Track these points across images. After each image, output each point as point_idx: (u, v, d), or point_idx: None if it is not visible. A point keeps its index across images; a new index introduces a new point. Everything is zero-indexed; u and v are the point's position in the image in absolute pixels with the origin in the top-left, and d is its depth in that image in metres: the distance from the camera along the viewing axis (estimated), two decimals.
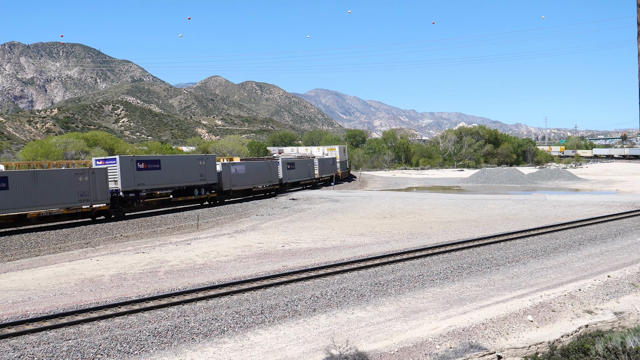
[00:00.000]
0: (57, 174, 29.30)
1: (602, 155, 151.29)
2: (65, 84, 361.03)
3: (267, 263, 19.44)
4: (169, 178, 35.74)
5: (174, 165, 36.38)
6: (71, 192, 29.03)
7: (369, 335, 11.66)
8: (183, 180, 36.78)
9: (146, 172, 33.92)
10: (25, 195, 26.79)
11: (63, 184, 28.72)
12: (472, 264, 18.17)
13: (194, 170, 37.59)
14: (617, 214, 29.92)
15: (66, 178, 29.04)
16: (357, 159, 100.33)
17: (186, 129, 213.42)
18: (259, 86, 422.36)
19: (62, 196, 28.57)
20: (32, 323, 12.35)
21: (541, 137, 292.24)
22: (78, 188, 29.37)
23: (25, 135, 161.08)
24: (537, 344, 11.64)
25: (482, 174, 65.66)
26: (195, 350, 11.08)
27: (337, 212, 35.32)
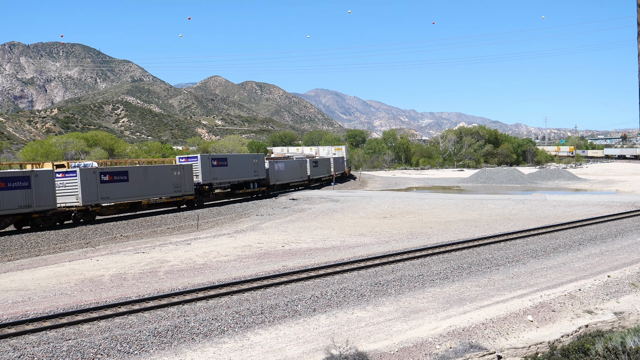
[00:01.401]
0: (160, 169, 34.99)
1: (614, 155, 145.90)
2: (65, 84, 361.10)
3: (267, 263, 19.44)
4: (233, 174, 41.35)
5: (236, 163, 41.81)
6: (169, 184, 34.74)
7: (369, 335, 11.67)
8: (242, 176, 42.48)
9: (218, 168, 39.60)
10: (139, 186, 32.68)
11: (164, 177, 34.45)
12: (472, 264, 18.17)
13: (249, 167, 43.28)
14: (617, 214, 29.92)
15: (166, 173, 34.72)
16: (357, 159, 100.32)
17: (186, 129, 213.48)
18: (259, 86, 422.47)
19: (163, 187, 34.33)
20: (32, 323, 12.35)
21: (541, 137, 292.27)
22: (173, 181, 35.07)
23: (25, 135, 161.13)
24: (537, 344, 11.64)
25: (482, 174, 65.67)
26: (195, 350, 11.08)
27: (337, 212, 35.33)
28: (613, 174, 74.66)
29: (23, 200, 26.75)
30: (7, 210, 26.14)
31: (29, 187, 27.04)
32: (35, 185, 27.32)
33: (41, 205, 27.64)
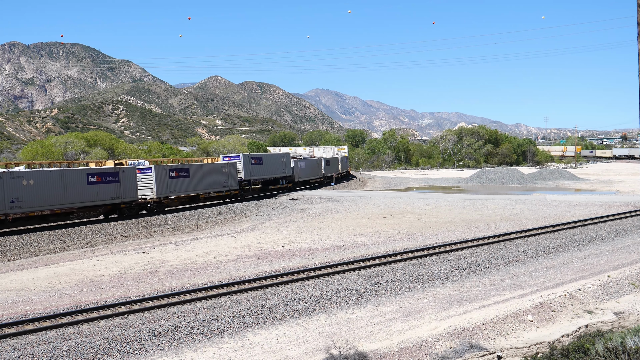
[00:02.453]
0: (212, 166, 39.58)
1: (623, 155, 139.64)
2: (65, 84, 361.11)
3: (267, 263, 19.44)
4: (266, 171, 46.21)
5: (269, 162, 46.81)
6: (219, 180, 39.17)
7: (369, 335, 11.66)
8: (273, 173, 47.46)
9: (256, 166, 44.33)
10: (197, 181, 37.13)
11: (215, 174, 38.83)
12: (472, 264, 18.17)
13: (279, 165, 48.30)
14: (617, 214, 29.92)
15: (217, 170, 39.30)
16: (357, 159, 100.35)
17: (186, 129, 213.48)
18: (259, 86, 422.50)
19: (215, 183, 38.73)
20: (32, 323, 12.35)
21: (541, 137, 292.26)
22: (222, 177, 39.55)
23: (25, 135, 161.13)
24: (537, 344, 11.65)
25: (482, 174, 65.67)
26: (195, 350, 11.08)
27: (337, 212, 35.33)
28: (613, 174, 74.66)
29: (114, 193, 31.43)
30: (102, 200, 30.89)
31: (118, 182, 31.65)
32: (123, 180, 31.94)
33: (127, 197, 32.15)
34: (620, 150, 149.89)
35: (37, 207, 27.32)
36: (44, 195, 27.57)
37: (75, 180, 29.35)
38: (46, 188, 27.77)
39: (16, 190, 26.30)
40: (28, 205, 26.82)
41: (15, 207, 26.20)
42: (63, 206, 28.70)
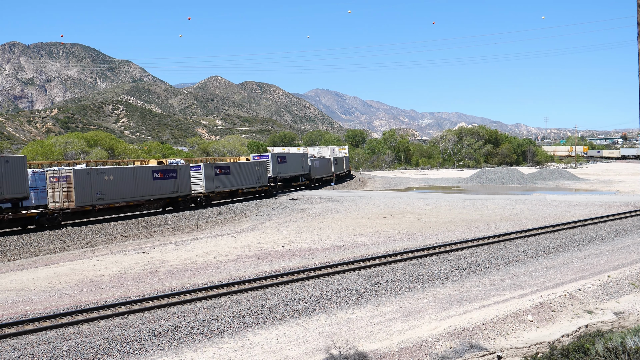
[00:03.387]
0: (248, 165, 43.70)
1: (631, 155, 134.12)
2: (65, 84, 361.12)
3: (267, 263, 19.44)
4: (290, 169, 50.54)
5: (292, 161, 51.28)
6: (253, 177, 43.41)
7: (369, 335, 11.66)
8: (295, 171, 51.91)
9: (281, 165, 48.74)
10: (236, 178, 41.29)
11: (250, 171, 43.09)
12: (472, 264, 18.17)
13: (299, 164, 52.75)
14: (617, 214, 29.92)
15: (251, 168, 43.62)
16: (357, 159, 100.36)
17: (186, 129, 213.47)
18: (259, 86, 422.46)
19: (250, 180, 42.94)
20: (32, 323, 12.35)
21: (541, 137, 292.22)
22: (256, 174, 43.74)
23: (25, 135, 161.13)
24: (537, 344, 11.64)
25: (482, 174, 65.67)
26: (195, 350, 11.08)
27: (337, 212, 35.33)
28: (613, 174, 74.65)
29: (173, 187, 35.55)
30: (164, 194, 34.96)
31: (176, 178, 35.77)
32: (180, 176, 36.08)
33: (183, 191, 36.34)
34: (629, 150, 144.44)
35: (115, 200, 31.58)
36: (120, 189, 31.78)
37: (144, 176, 33.54)
38: (122, 183, 31.92)
39: (100, 185, 30.52)
40: (109, 197, 31.10)
41: (99, 199, 30.52)
42: (134, 199, 33.04)
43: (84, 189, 29.65)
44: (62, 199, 29.31)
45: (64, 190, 29.30)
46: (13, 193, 26.99)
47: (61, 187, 29.36)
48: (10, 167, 26.91)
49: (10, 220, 27.06)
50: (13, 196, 27.05)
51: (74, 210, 29.70)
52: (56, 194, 29.52)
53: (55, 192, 29.57)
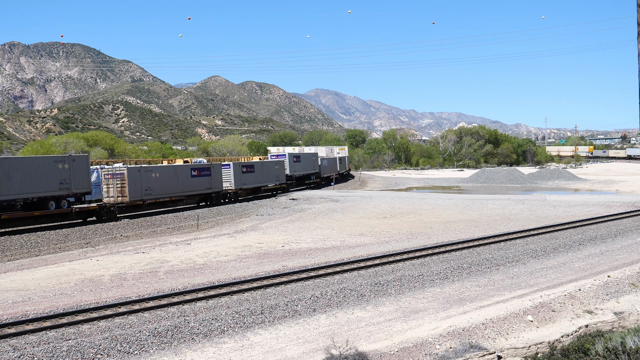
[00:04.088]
0: (268, 164, 47.35)
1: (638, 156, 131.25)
2: (65, 84, 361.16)
3: (267, 263, 19.44)
4: (303, 168, 54.15)
5: (305, 160, 55.13)
6: (273, 175, 46.99)
7: (369, 335, 11.67)
8: (308, 170, 55.61)
9: (296, 163, 52.39)
10: (259, 176, 44.83)
11: (270, 170, 46.93)
12: (472, 264, 18.17)
13: (311, 163, 56.73)
14: (617, 214, 29.92)
15: (271, 166, 47.12)
16: (357, 159, 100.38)
17: (186, 129, 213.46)
18: (259, 86, 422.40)
19: (270, 177, 46.53)
20: (32, 323, 12.35)
21: (541, 137, 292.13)
22: (274, 173, 47.32)
23: (25, 135, 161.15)
24: (537, 344, 11.65)
25: (482, 174, 65.69)
26: (195, 350, 11.08)
27: (337, 212, 35.33)
28: (613, 174, 74.67)
29: (207, 184, 38.57)
30: (200, 190, 38.13)
31: (210, 175, 38.84)
32: (213, 174, 39.22)
33: (216, 188, 39.48)
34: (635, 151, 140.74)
35: (161, 195, 34.92)
36: (165, 186, 34.93)
37: (183, 174, 36.69)
38: (166, 180, 35.07)
39: (148, 182, 33.65)
40: (155, 193, 34.40)
41: (148, 194, 33.79)
42: (176, 194, 36.18)
43: (136, 185, 32.82)
44: (116, 194, 32.40)
45: (118, 186, 32.47)
46: (79, 188, 30.22)
47: (115, 183, 32.48)
48: (77, 165, 30.15)
49: (77, 212, 30.02)
50: (78, 191, 30.30)
51: (127, 204, 32.91)
52: (110, 190, 32.61)
53: (109, 188, 32.67)
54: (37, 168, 28.15)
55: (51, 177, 28.62)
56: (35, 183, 27.74)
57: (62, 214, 29.34)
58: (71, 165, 29.62)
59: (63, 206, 29.34)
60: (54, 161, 29.20)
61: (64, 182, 29.18)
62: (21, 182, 26.93)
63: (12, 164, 27.18)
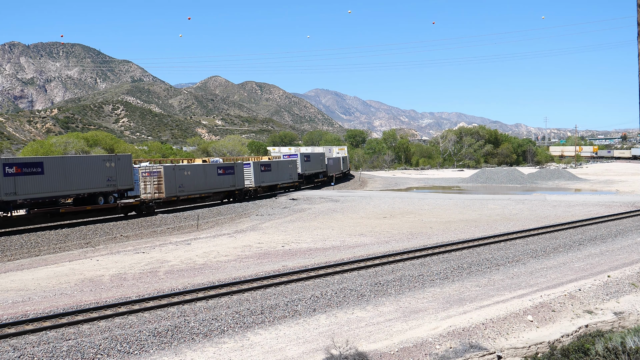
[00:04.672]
0: (283, 162, 50.46)
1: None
2: (65, 84, 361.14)
3: (267, 263, 19.44)
4: (313, 167, 57.31)
5: (314, 159, 58.33)
6: (287, 173, 49.92)
7: (369, 335, 11.67)
8: (317, 169, 58.81)
9: (307, 163, 55.26)
10: (275, 174, 47.68)
11: (285, 168, 49.71)
12: (472, 264, 18.17)
13: (319, 162, 60.06)
14: (617, 214, 29.92)
15: (286, 165, 50.17)
16: (357, 159, 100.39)
17: (186, 129, 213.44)
18: (259, 86, 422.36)
19: (285, 176, 49.52)
20: (32, 323, 12.35)
21: (541, 137, 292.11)
22: (288, 172, 50.19)
23: (25, 135, 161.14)
24: (537, 344, 11.65)
25: (482, 174, 65.68)
26: (195, 350, 11.08)
27: (337, 212, 35.33)
28: (613, 174, 74.67)
29: (232, 182, 41.50)
30: (225, 187, 40.94)
31: (234, 173, 41.70)
32: (236, 172, 42.06)
33: (238, 185, 42.38)
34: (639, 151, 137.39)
35: (192, 191, 37.61)
36: (195, 183, 37.65)
37: (211, 172, 39.42)
38: (196, 177, 37.79)
39: (181, 179, 36.39)
40: (188, 190, 37.04)
41: (181, 191, 36.44)
42: (205, 191, 39.07)
43: (170, 182, 35.40)
44: (153, 190, 34.96)
45: (155, 183, 35.00)
46: (123, 185, 32.93)
47: (152, 181, 35.03)
48: (121, 164, 32.82)
49: (121, 207, 32.81)
50: (123, 187, 32.97)
51: (163, 200, 35.49)
52: (147, 186, 35.15)
53: (146, 185, 35.17)
54: (89, 166, 30.86)
55: (100, 174, 31.33)
56: (87, 180, 30.47)
57: (109, 208, 32.26)
58: (117, 164, 32.39)
59: (110, 201, 32.13)
60: (102, 160, 32.03)
61: (111, 179, 32.02)
62: (76, 179, 29.75)
63: (68, 163, 29.80)
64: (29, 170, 27.35)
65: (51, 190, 28.47)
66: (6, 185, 26.12)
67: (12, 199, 26.43)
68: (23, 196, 27.01)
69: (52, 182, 28.38)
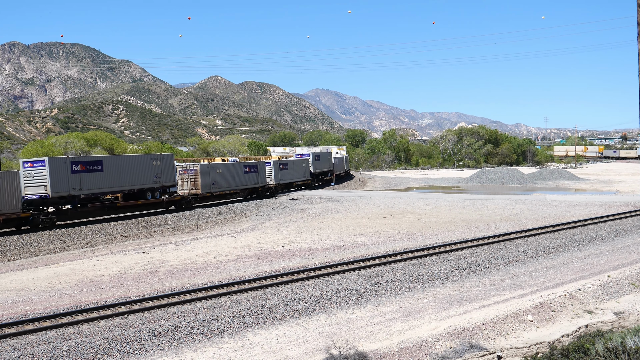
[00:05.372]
0: (298, 161, 53.49)
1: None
2: (65, 84, 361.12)
3: (267, 263, 19.44)
4: (322, 166, 60.19)
5: (323, 158, 61.28)
6: (301, 172, 52.93)
7: (369, 335, 11.66)
8: (325, 168, 61.76)
9: (317, 162, 58.32)
10: (292, 172, 50.71)
11: (299, 167, 52.65)
12: (472, 264, 18.17)
13: (327, 161, 63.34)
14: (617, 214, 29.91)
15: (300, 164, 53.10)
16: (357, 159, 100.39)
17: (186, 129, 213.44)
18: (259, 86, 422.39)
19: (299, 174, 52.57)
20: (32, 323, 12.35)
21: (541, 137, 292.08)
22: (302, 170, 53.09)
23: (25, 135, 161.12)
24: (537, 344, 11.64)
25: (482, 174, 65.67)
26: (195, 350, 11.08)
27: (337, 212, 35.32)
28: (613, 174, 74.66)
29: (256, 179, 43.89)
30: (250, 185, 43.38)
31: (257, 172, 43.99)
32: (260, 170, 44.39)
33: (261, 183, 44.77)
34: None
35: (223, 188, 40.42)
36: (226, 180, 40.42)
37: (239, 170, 42.14)
38: (226, 175, 40.58)
39: (214, 177, 39.24)
40: (219, 186, 39.87)
41: (214, 187, 39.27)
42: (233, 188, 41.60)
43: (206, 179, 38.23)
44: (189, 187, 37.74)
45: (192, 180, 37.74)
46: (167, 182, 35.78)
47: (189, 178, 37.74)
48: (165, 162, 35.66)
49: (167, 202, 35.63)
50: (167, 184, 35.76)
51: (200, 196, 38.33)
52: (185, 183, 37.86)
53: (183, 182, 37.86)
54: (139, 165, 33.73)
55: (148, 172, 34.29)
56: (138, 177, 33.43)
57: (156, 202, 34.97)
58: (162, 162, 35.29)
59: (156, 197, 34.93)
60: (150, 159, 34.80)
61: (157, 176, 34.98)
62: (129, 176, 32.81)
63: (122, 161, 32.85)
64: (91, 168, 30.55)
65: (109, 186, 31.53)
66: (73, 181, 29.27)
67: (78, 193, 29.62)
68: (86, 191, 30.15)
69: (110, 178, 31.42)
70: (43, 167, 28.14)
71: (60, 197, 28.69)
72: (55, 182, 28.10)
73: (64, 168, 28.84)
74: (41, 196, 28.08)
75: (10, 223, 26.75)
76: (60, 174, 28.59)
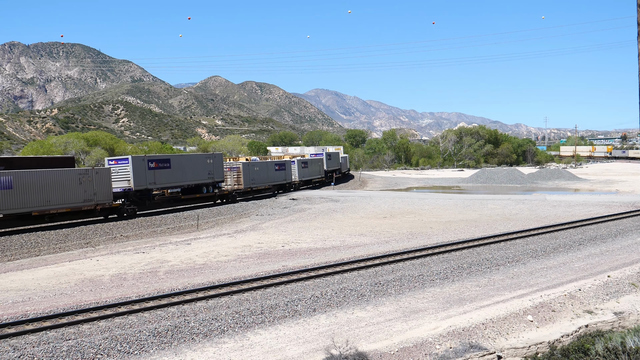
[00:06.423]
0: (316, 161, 58.37)
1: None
2: (65, 84, 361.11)
3: (267, 263, 19.43)
4: (332, 164, 64.24)
5: (334, 158, 65.83)
6: (317, 170, 57.64)
7: (369, 335, 11.66)
8: (335, 166, 65.75)
9: (329, 161, 63.04)
10: (310, 170, 55.28)
11: (316, 165, 57.49)
12: (472, 264, 18.17)
13: (336, 161, 67.03)
14: (617, 214, 29.91)
15: (316, 163, 57.72)
16: (357, 159, 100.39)
17: (186, 129, 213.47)
18: (259, 86, 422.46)
19: (315, 172, 57.00)
20: (32, 323, 12.35)
21: (541, 137, 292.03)
22: (318, 169, 58.22)
23: (25, 135, 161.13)
24: (537, 344, 11.65)
25: (482, 174, 65.66)
26: (195, 350, 11.08)
27: (337, 212, 35.32)
28: (613, 174, 74.66)
29: (284, 177, 49.11)
30: (279, 181, 48.25)
31: (285, 169, 49.27)
32: (287, 168, 49.59)
33: (288, 180, 49.91)
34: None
35: (259, 184, 45.23)
36: (261, 177, 45.25)
37: (271, 168, 47.16)
38: (262, 172, 45.39)
39: (253, 174, 44.15)
40: (257, 182, 44.64)
41: (253, 183, 44.13)
42: (266, 184, 46.33)
43: (247, 176, 43.08)
44: (233, 183, 42.67)
45: (235, 176, 42.61)
46: (218, 178, 40.54)
47: (232, 175, 42.67)
48: (216, 160, 40.37)
49: (219, 195, 40.81)
50: (217, 180, 40.43)
51: (242, 191, 43.19)
52: (228, 179, 42.65)
53: (227, 178, 42.47)
54: (197, 162, 38.44)
55: (204, 169, 38.85)
56: (196, 173, 37.97)
57: (210, 196, 39.97)
58: (214, 161, 39.89)
59: (210, 191, 39.64)
60: (205, 157, 39.54)
61: (211, 173, 39.39)
62: (190, 172, 37.40)
63: (184, 160, 37.87)
64: (162, 165, 35.00)
65: (175, 181, 36.25)
66: (149, 177, 33.97)
67: (152, 187, 34.40)
68: (159, 185, 34.98)
69: (176, 174, 36.07)
70: (127, 164, 32.83)
71: (138, 190, 33.23)
72: (137, 177, 32.81)
73: (143, 165, 33.40)
74: (125, 189, 32.53)
75: (104, 212, 31.11)
76: (140, 170, 33.06)
